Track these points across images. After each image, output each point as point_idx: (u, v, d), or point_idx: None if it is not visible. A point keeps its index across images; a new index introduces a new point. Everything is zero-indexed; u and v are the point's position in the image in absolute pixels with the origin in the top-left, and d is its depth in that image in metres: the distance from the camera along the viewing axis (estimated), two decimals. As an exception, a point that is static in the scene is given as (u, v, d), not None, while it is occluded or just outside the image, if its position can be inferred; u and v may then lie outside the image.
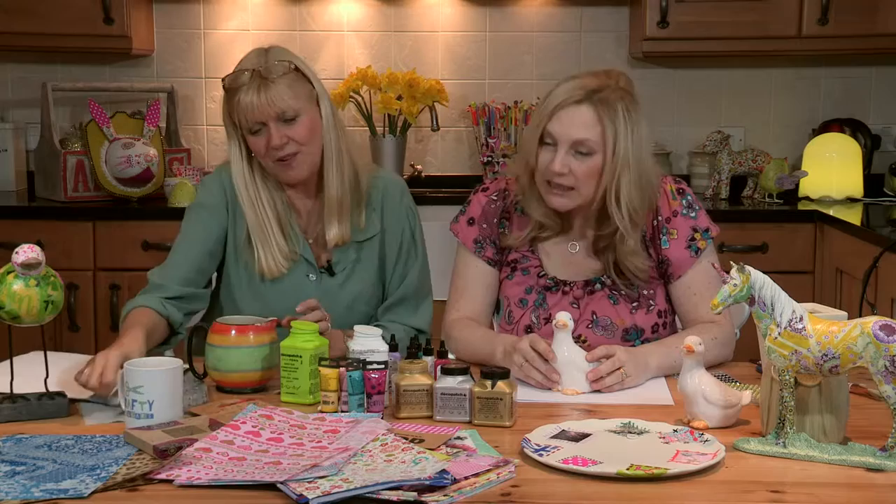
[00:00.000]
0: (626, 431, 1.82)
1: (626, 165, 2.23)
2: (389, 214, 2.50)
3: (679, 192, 2.36)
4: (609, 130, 2.22)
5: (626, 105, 2.23)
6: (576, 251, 2.37)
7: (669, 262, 2.32)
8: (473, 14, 4.47)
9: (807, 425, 1.77)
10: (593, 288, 2.33)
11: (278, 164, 2.38)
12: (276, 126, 2.34)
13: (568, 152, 2.24)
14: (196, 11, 4.47)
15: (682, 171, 4.51)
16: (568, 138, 2.23)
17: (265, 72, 2.33)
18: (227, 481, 1.58)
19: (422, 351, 1.99)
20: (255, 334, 2.09)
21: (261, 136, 2.36)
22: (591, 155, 2.23)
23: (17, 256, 1.87)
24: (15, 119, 4.47)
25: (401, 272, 2.50)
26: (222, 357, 2.07)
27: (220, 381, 2.10)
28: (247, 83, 2.34)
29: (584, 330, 2.30)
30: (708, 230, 2.34)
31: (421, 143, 4.54)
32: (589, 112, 2.22)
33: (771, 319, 1.72)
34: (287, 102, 2.34)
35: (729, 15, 4.11)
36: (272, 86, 2.33)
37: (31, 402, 1.93)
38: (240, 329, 2.09)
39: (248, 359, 2.07)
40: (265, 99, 2.32)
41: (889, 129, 4.50)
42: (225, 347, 2.08)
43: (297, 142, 2.36)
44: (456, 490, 1.56)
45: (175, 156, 4.26)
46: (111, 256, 3.93)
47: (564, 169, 2.24)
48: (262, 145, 2.36)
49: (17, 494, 1.54)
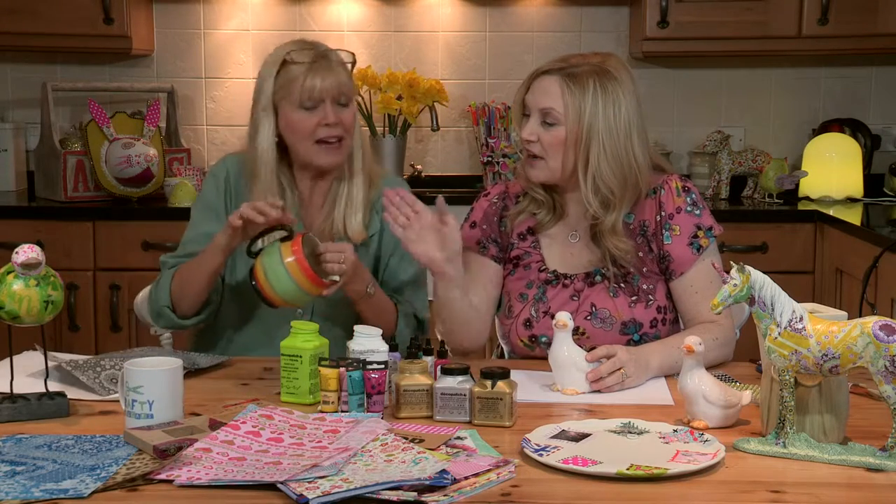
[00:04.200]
0: (626, 431, 1.82)
1: (596, 140, 2.26)
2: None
3: (684, 189, 2.36)
4: (573, 103, 2.26)
5: (599, 81, 2.26)
6: (576, 240, 2.38)
7: (671, 259, 2.32)
8: (473, 14, 4.48)
9: (807, 425, 1.77)
10: (593, 280, 2.34)
11: (320, 145, 2.43)
12: (332, 106, 2.42)
13: (537, 121, 2.30)
14: (196, 11, 4.47)
15: (682, 171, 4.50)
16: (536, 107, 2.30)
17: (332, 55, 2.44)
18: (227, 481, 1.58)
19: (422, 351, 1.99)
20: (314, 288, 2.22)
21: (313, 113, 2.41)
22: (555, 125, 2.28)
23: (17, 256, 1.87)
24: (15, 119, 4.47)
25: (394, 265, 2.51)
26: (279, 276, 2.20)
27: (260, 283, 2.22)
28: (313, 60, 2.41)
29: (582, 322, 2.30)
30: (711, 228, 2.34)
31: (421, 143, 4.54)
32: (555, 83, 2.28)
33: (771, 319, 1.72)
34: (348, 87, 2.44)
35: (729, 15, 4.11)
36: (338, 68, 2.43)
37: (31, 402, 1.92)
38: (313, 279, 2.21)
39: (294, 294, 2.22)
40: (331, 79, 2.41)
41: (889, 129, 4.50)
42: (286, 272, 2.19)
43: (344, 126, 2.44)
44: (456, 490, 1.56)
45: (175, 156, 4.26)
46: (111, 256, 3.94)
47: (532, 136, 2.30)
48: (314, 122, 2.42)
49: (17, 494, 1.54)
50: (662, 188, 2.35)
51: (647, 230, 2.34)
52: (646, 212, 2.35)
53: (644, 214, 2.35)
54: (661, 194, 2.34)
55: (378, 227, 2.51)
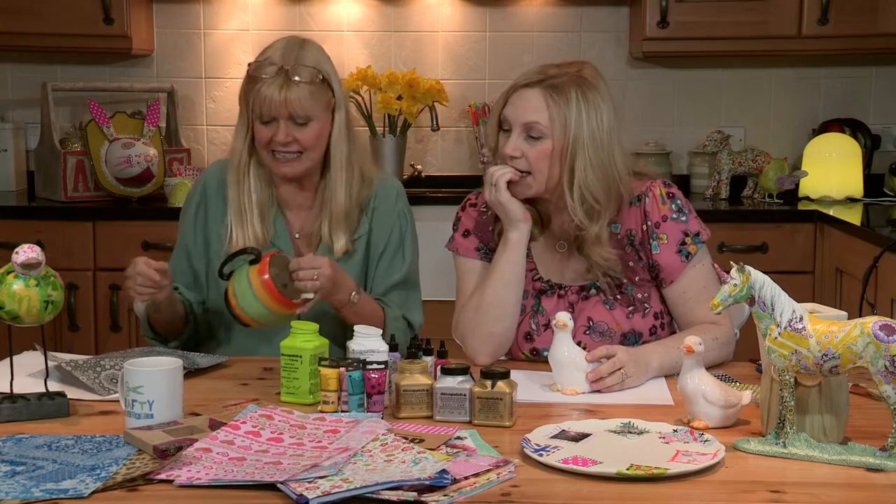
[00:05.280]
0: (626, 431, 1.82)
1: (581, 150, 2.23)
2: (380, 215, 2.51)
3: (669, 196, 2.33)
4: (558, 115, 2.23)
5: (580, 91, 2.23)
6: (564, 250, 2.37)
7: (661, 268, 2.31)
8: (473, 14, 4.48)
9: (807, 425, 1.77)
10: (588, 294, 2.33)
11: (273, 156, 2.41)
12: (285, 124, 2.38)
13: (520, 136, 2.26)
14: (196, 11, 4.47)
15: (682, 171, 4.51)
16: (518, 121, 2.26)
17: (292, 72, 2.36)
18: (227, 481, 1.58)
19: (422, 351, 1.99)
20: (285, 309, 2.22)
21: (269, 127, 2.39)
22: (541, 139, 2.24)
23: (17, 256, 1.87)
24: (15, 119, 4.47)
25: (384, 267, 2.50)
26: (248, 300, 2.19)
27: (232, 306, 2.22)
28: (271, 77, 2.36)
29: (581, 336, 2.28)
30: (699, 234, 2.32)
31: (421, 143, 4.54)
32: (538, 96, 2.24)
33: (771, 319, 1.72)
34: (303, 107, 2.37)
35: (729, 15, 4.11)
36: (294, 88, 2.35)
37: (31, 402, 1.92)
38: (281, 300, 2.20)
39: (265, 316, 2.22)
40: (284, 97, 2.35)
41: (889, 129, 4.50)
42: (255, 296, 2.19)
43: (301, 144, 2.39)
44: (456, 490, 1.56)
45: (175, 156, 4.26)
46: (111, 256, 3.93)
47: (517, 152, 2.26)
48: (267, 137, 2.40)
49: (17, 494, 1.54)
50: (647, 195, 2.32)
51: (634, 239, 2.32)
52: (631, 220, 2.32)
53: (630, 223, 2.32)
54: (646, 202, 2.31)
55: (367, 228, 2.50)
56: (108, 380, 2.08)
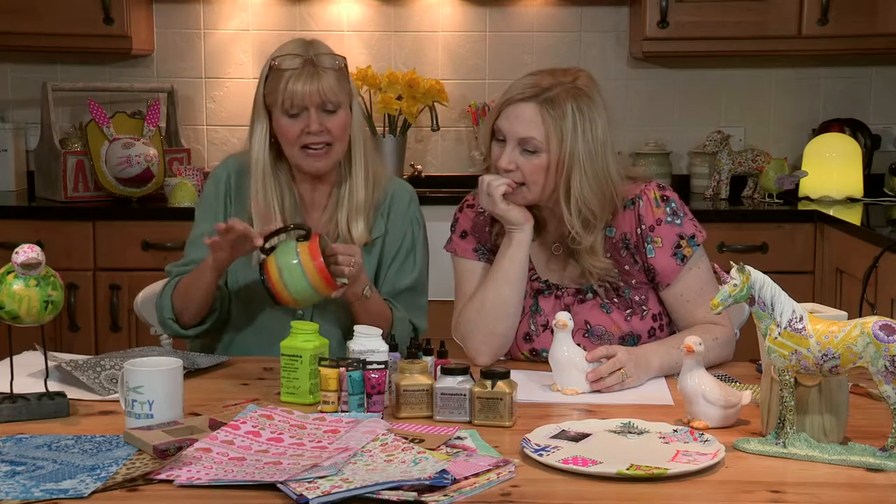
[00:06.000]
0: (626, 431, 1.82)
1: (577, 164, 2.22)
2: (394, 219, 2.52)
3: (663, 199, 2.31)
4: (554, 130, 2.21)
5: (576, 104, 2.22)
6: (560, 252, 2.36)
7: (656, 271, 2.30)
8: (473, 14, 4.48)
9: (807, 425, 1.77)
10: (584, 297, 2.33)
11: (304, 151, 2.42)
12: (316, 113, 2.39)
13: (515, 149, 2.25)
14: (196, 11, 4.47)
15: (682, 171, 4.51)
16: (514, 135, 2.24)
17: (317, 60, 2.39)
18: (227, 481, 1.58)
19: (422, 351, 1.99)
20: (328, 290, 2.24)
21: (297, 120, 2.40)
22: (537, 153, 2.23)
23: (17, 256, 1.87)
24: (15, 119, 4.47)
25: (395, 270, 2.50)
26: (295, 276, 2.21)
27: (273, 281, 2.22)
28: (298, 67, 2.38)
29: (580, 339, 2.27)
30: (694, 237, 2.30)
31: (421, 143, 4.54)
32: (534, 110, 2.23)
33: (771, 319, 1.72)
34: (334, 92, 2.40)
35: (729, 15, 4.11)
36: (323, 75, 2.39)
37: (31, 402, 1.92)
38: (328, 281, 2.23)
39: (306, 294, 2.23)
40: (315, 85, 2.38)
41: (889, 129, 4.50)
42: (303, 272, 2.21)
43: (331, 133, 2.41)
44: (456, 490, 1.56)
45: (175, 156, 4.26)
46: (111, 256, 3.94)
47: (511, 165, 2.25)
48: (298, 129, 2.40)
49: (17, 494, 1.54)
50: (641, 199, 2.30)
51: (629, 242, 2.30)
52: (626, 224, 2.31)
53: (624, 227, 2.31)
54: (640, 206, 2.30)
55: (382, 230, 2.51)
56: (108, 380, 2.08)
